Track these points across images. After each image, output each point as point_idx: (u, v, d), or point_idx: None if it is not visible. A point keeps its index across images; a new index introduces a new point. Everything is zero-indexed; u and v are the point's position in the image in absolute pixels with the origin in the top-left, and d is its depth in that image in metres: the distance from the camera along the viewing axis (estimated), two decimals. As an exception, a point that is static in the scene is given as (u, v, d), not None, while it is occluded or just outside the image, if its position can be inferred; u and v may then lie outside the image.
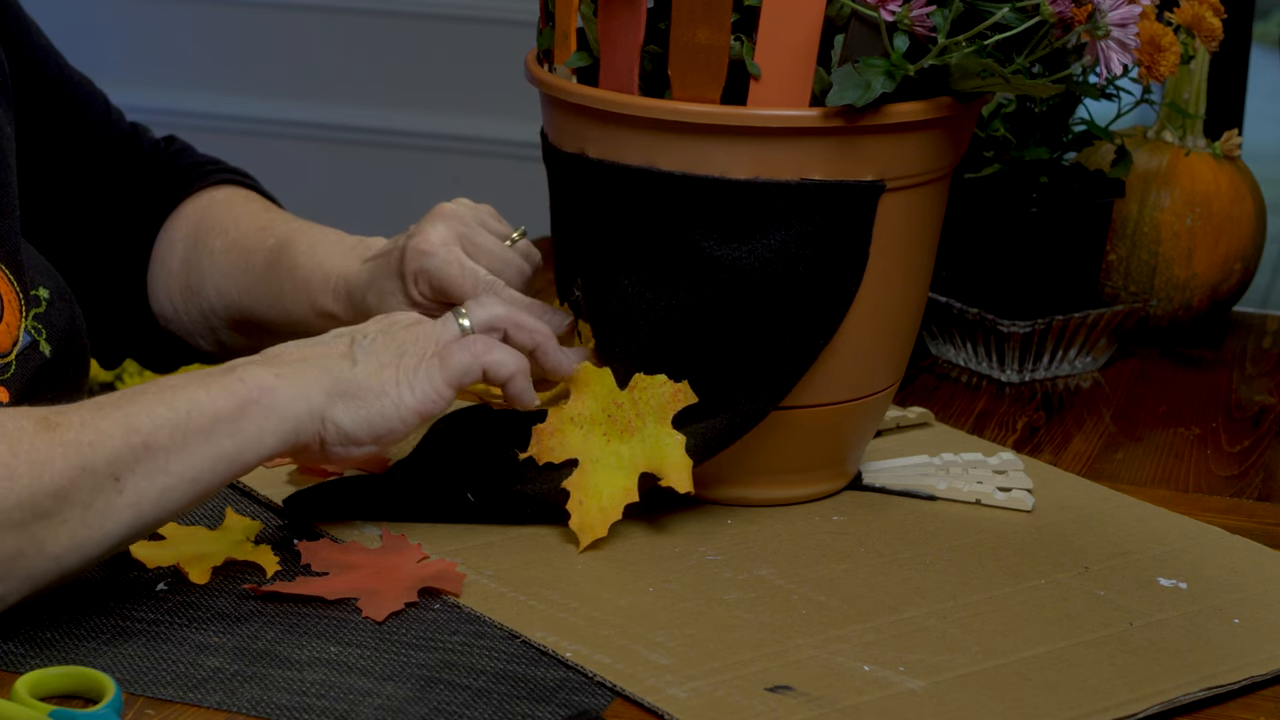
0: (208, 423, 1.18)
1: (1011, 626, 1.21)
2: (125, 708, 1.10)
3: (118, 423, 1.15)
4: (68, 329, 1.39)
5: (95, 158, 1.52)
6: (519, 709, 1.11)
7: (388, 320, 1.28)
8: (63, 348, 1.38)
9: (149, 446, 1.15)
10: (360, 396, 1.23)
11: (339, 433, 1.23)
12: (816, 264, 1.27)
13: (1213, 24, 1.65)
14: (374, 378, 1.24)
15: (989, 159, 1.64)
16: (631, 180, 1.27)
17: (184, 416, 1.17)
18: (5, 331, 1.33)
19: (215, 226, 1.51)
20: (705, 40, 1.23)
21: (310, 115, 3.61)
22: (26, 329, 1.35)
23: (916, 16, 1.22)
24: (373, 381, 1.24)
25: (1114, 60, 1.25)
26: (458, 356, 1.26)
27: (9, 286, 1.34)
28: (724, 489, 1.35)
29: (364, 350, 1.25)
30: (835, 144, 1.25)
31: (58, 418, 1.15)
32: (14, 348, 1.34)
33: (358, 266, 1.41)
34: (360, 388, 1.23)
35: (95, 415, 1.16)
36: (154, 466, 1.16)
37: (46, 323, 1.37)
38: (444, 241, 1.36)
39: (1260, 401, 1.63)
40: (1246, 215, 1.72)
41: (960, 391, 1.62)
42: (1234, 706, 1.15)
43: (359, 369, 1.24)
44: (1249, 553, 1.33)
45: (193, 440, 1.17)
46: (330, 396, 1.22)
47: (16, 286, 1.35)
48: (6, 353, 1.33)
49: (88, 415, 1.15)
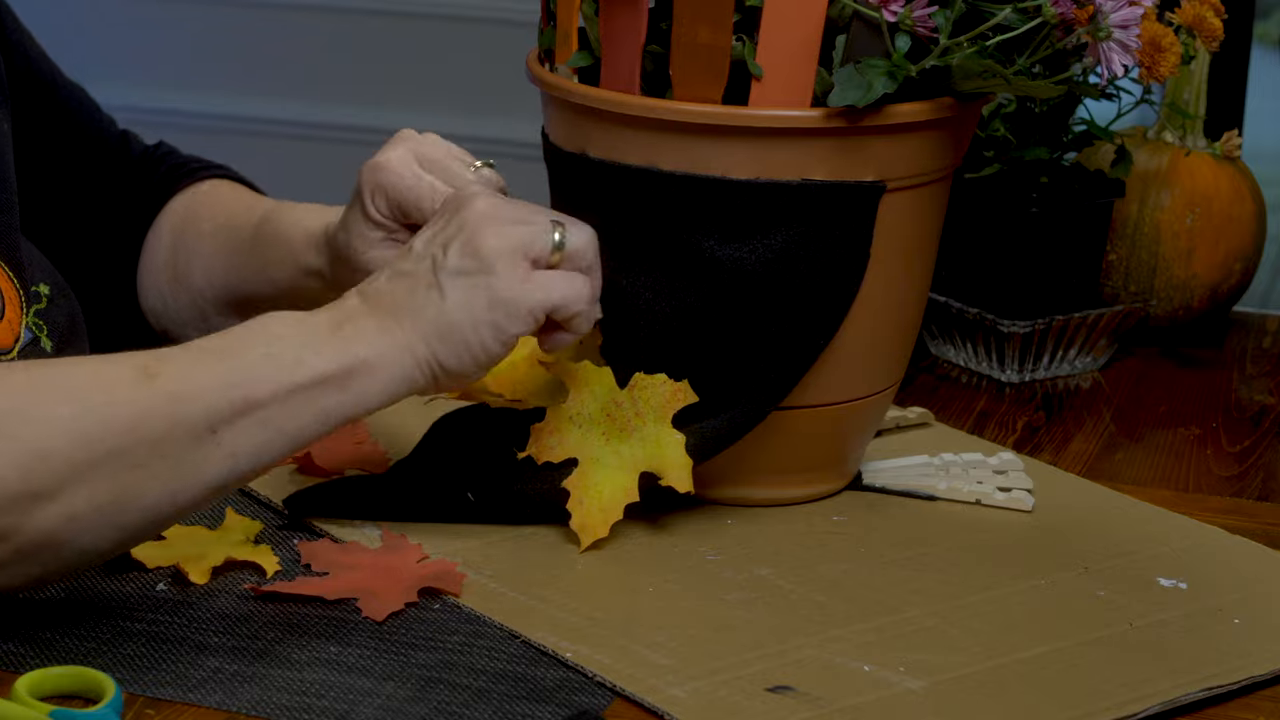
0: (312, 382, 1.17)
1: (1011, 626, 1.21)
2: (125, 708, 1.10)
3: (219, 375, 1.15)
4: (68, 325, 1.40)
5: (85, 161, 1.52)
6: (519, 709, 1.11)
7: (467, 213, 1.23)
8: (63, 344, 1.38)
9: (249, 401, 1.15)
10: (458, 334, 1.21)
11: (446, 374, 1.22)
12: (817, 264, 1.27)
13: (1213, 24, 1.65)
14: (465, 310, 1.21)
15: (989, 159, 1.64)
16: (633, 180, 1.27)
17: (288, 375, 1.16)
18: (7, 328, 1.33)
19: (202, 214, 1.51)
20: (707, 40, 1.23)
21: (310, 115, 3.61)
22: (28, 325, 1.35)
23: (918, 17, 1.22)
24: (465, 315, 1.21)
25: (1115, 61, 1.25)
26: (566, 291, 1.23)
27: (9, 283, 1.35)
28: (724, 489, 1.35)
29: (448, 273, 1.22)
30: (836, 144, 1.25)
31: (157, 365, 1.14)
32: (15, 344, 1.34)
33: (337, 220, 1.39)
34: (455, 325, 1.21)
35: (196, 366, 1.15)
36: (253, 421, 1.15)
37: (47, 319, 1.37)
38: (400, 159, 1.34)
39: (1260, 401, 1.63)
40: (1246, 215, 1.72)
41: (960, 391, 1.62)
42: (1234, 706, 1.15)
43: (448, 302, 1.21)
44: (1249, 553, 1.33)
45: (296, 398, 1.17)
46: (429, 344, 1.21)
47: (17, 283, 1.35)
48: (8, 349, 1.33)
49: (188, 365, 1.15)
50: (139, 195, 1.54)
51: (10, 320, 1.34)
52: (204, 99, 3.64)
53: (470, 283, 1.21)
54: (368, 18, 3.54)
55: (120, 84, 3.47)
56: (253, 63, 3.63)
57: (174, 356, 1.16)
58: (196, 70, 3.65)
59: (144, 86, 3.59)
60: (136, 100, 3.49)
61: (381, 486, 1.33)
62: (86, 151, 1.52)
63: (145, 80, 3.61)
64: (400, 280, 1.22)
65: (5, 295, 1.34)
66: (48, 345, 1.36)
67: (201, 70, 3.65)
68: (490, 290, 1.21)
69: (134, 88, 3.57)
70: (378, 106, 3.54)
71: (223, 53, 3.64)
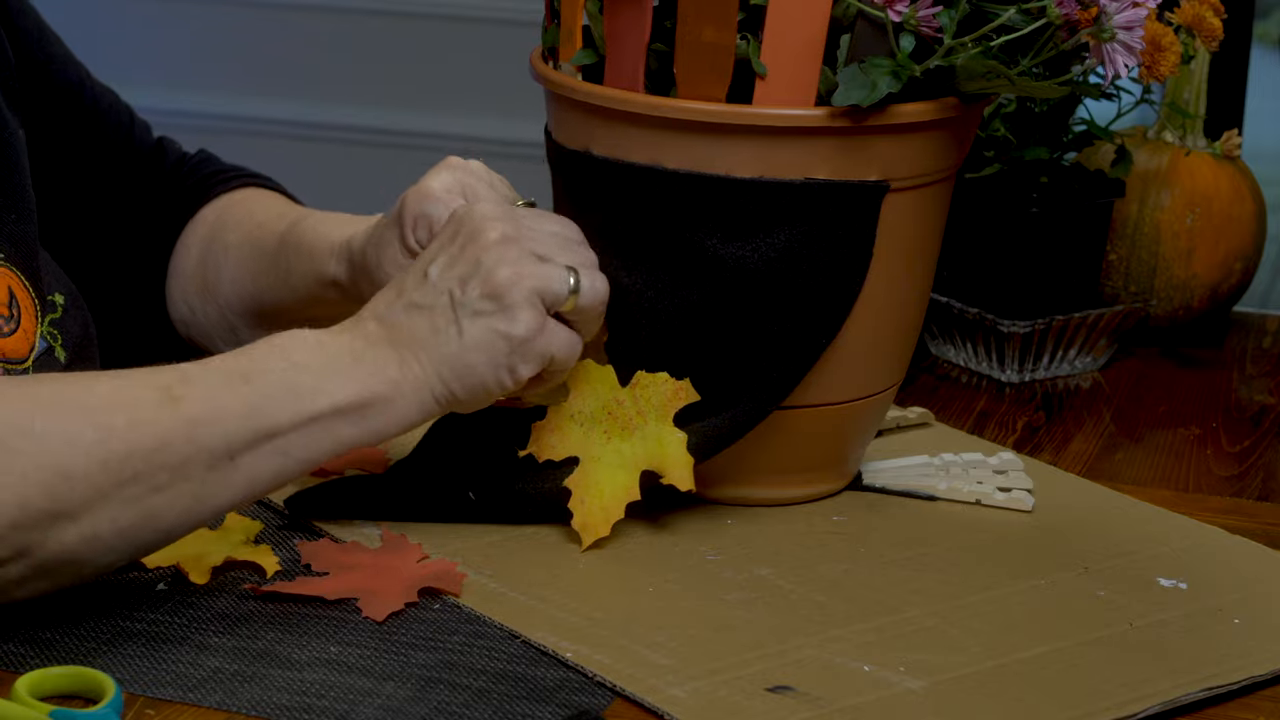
0: (331, 413, 1.18)
1: (1011, 626, 1.21)
2: (125, 708, 1.10)
3: (240, 402, 1.16)
4: (81, 335, 1.39)
5: (115, 167, 1.52)
6: (519, 709, 1.11)
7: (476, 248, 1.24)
8: (77, 354, 1.38)
9: (269, 430, 1.17)
10: (474, 373, 1.22)
11: (462, 403, 1.23)
12: (820, 263, 1.27)
13: (1213, 24, 1.65)
14: (483, 351, 1.22)
15: (989, 159, 1.64)
16: (636, 178, 1.27)
17: (308, 404, 1.18)
18: (22, 338, 1.33)
19: (231, 223, 1.50)
20: (711, 39, 1.23)
21: (310, 115, 3.61)
22: (43, 335, 1.35)
23: (923, 17, 1.22)
24: (483, 357, 1.22)
25: (1119, 62, 1.25)
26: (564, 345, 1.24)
27: (25, 293, 1.34)
28: (724, 489, 1.35)
29: (467, 313, 1.22)
30: (840, 144, 1.25)
31: (181, 388, 1.15)
32: (31, 354, 1.34)
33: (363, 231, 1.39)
34: (472, 366, 1.22)
35: (220, 390, 1.16)
36: (272, 448, 1.17)
37: (62, 329, 1.37)
38: (446, 189, 1.34)
39: (1260, 401, 1.63)
40: (1246, 215, 1.72)
41: (960, 391, 1.62)
42: (1234, 706, 1.15)
43: (467, 340, 1.22)
44: (1249, 553, 1.33)
45: (314, 427, 1.18)
46: (445, 381, 1.22)
47: (33, 293, 1.35)
48: (24, 359, 1.33)
49: (212, 389, 1.16)
50: (169, 204, 1.53)
51: (26, 330, 1.33)
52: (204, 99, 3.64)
53: (488, 324, 1.22)
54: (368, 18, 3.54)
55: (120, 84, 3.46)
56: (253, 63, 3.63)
57: (196, 378, 1.16)
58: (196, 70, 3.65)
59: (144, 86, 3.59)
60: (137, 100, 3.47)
61: (381, 486, 1.33)
62: (115, 156, 1.52)
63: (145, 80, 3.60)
64: (419, 314, 1.23)
65: (22, 304, 1.34)
66: (61, 355, 1.36)
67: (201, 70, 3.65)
68: (509, 338, 1.22)
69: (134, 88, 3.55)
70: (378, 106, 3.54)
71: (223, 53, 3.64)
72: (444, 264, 1.24)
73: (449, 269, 1.23)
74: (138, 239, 1.52)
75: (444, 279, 1.23)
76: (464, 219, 1.25)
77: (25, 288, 1.34)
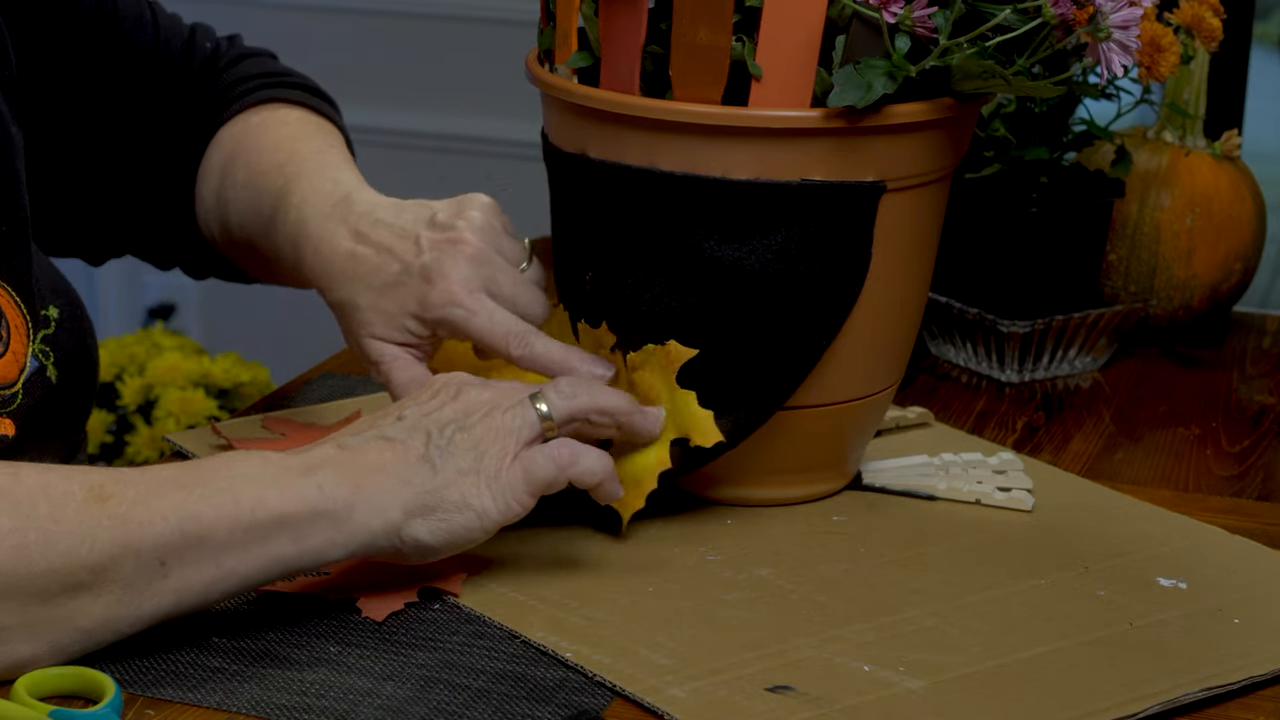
0: (272, 524, 1.13)
1: (1011, 626, 1.21)
2: (125, 708, 1.10)
3: (175, 505, 1.11)
4: (75, 349, 1.37)
5: (141, 83, 1.49)
6: (519, 709, 1.11)
7: (461, 405, 1.20)
8: (69, 371, 1.36)
9: (203, 539, 1.11)
10: (441, 509, 1.17)
11: (418, 547, 1.17)
12: (817, 265, 1.27)
13: (1213, 24, 1.66)
14: (455, 488, 1.17)
15: (989, 159, 1.64)
16: (632, 180, 1.27)
17: (247, 513, 1.12)
18: (12, 360, 1.31)
19: (240, 157, 1.46)
20: (706, 41, 1.23)
21: (310, 115, 3.60)
22: (34, 354, 1.32)
23: (918, 18, 1.22)
24: (454, 493, 1.17)
25: (1115, 62, 1.25)
26: (542, 469, 1.19)
27: (16, 311, 1.32)
28: (724, 489, 1.35)
29: (442, 453, 1.18)
30: (836, 145, 1.25)
31: (113, 487, 1.11)
32: (20, 376, 1.31)
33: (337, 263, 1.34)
34: (441, 500, 1.17)
35: (153, 492, 1.11)
36: (204, 557, 1.11)
37: (54, 345, 1.35)
38: (470, 289, 1.29)
39: (1260, 401, 1.63)
40: (1246, 215, 1.72)
41: (960, 391, 1.62)
42: (1234, 706, 1.15)
43: (439, 477, 1.17)
44: (1249, 553, 1.33)
45: (252, 539, 1.12)
46: (409, 513, 1.16)
47: (24, 309, 1.32)
48: (13, 382, 1.30)
49: (145, 490, 1.11)
50: (195, 114, 1.50)
51: (15, 352, 1.31)
52: (204, 99, 3.63)
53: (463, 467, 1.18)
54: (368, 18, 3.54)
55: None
56: (253, 63, 3.62)
57: (131, 480, 1.12)
58: (196, 70, 3.65)
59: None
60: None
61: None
62: (141, 71, 1.48)
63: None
64: (387, 446, 1.18)
65: (11, 324, 1.31)
66: (53, 374, 1.34)
67: (201, 70, 3.65)
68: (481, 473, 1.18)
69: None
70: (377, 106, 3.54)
71: (223, 53, 3.64)
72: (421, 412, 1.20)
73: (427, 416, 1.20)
74: (165, 153, 1.50)
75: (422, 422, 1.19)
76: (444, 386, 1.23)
77: (16, 304, 1.32)
